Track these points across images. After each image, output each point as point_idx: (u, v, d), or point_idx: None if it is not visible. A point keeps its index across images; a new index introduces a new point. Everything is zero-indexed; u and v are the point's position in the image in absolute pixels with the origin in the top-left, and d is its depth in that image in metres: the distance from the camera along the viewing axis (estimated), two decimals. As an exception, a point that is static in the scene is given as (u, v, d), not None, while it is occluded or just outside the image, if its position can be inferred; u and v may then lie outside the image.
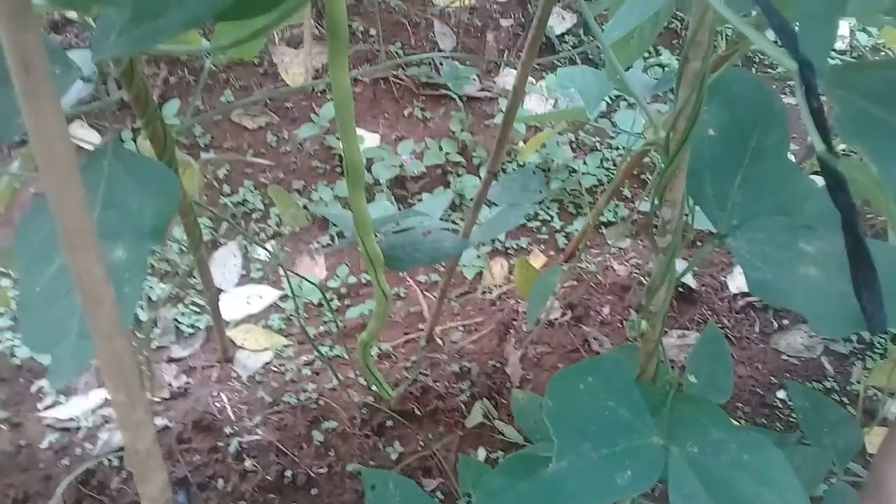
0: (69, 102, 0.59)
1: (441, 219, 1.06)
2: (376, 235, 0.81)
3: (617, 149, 1.87)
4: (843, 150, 1.66)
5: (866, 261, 0.34)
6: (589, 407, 0.44)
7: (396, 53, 1.91)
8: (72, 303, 0.33)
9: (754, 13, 0.54)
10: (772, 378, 1.44)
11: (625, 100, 1.95)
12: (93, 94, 0.67)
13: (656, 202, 0.45)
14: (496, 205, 1.31)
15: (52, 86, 0.25)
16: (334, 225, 1.64)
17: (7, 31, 0.23)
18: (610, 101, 1.97)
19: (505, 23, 2.05)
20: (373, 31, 1.90)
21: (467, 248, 1.52)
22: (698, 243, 1.68)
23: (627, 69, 1.08)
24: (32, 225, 0.35)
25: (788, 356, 1.49)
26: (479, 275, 1.62)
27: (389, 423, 1.29)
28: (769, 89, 0.49)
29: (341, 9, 0.46)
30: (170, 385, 1.33)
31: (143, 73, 0.52)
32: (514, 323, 1.50)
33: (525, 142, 1.85)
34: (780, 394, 1.40)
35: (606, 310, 1.52)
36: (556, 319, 1.50)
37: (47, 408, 1.27)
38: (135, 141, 1.59)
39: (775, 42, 0.31)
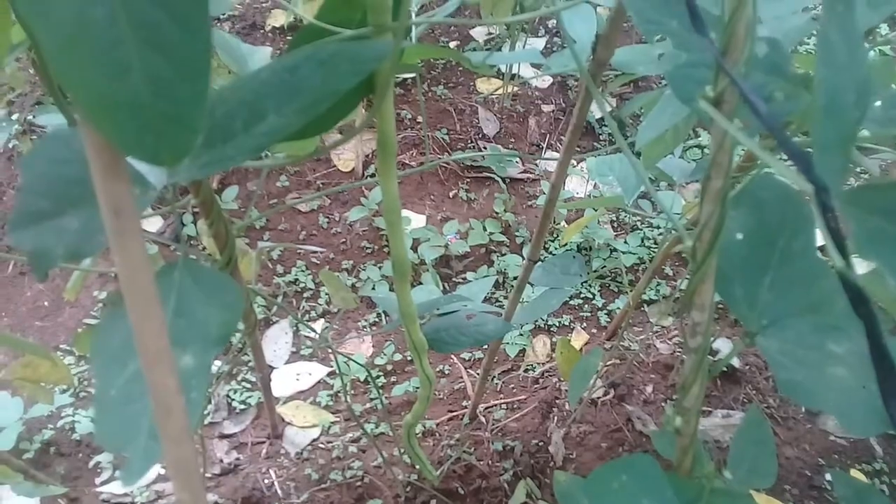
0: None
1: (485, 298, 1.08)
2: (421, 318, 0.84)
3: (658, 227, 1.89)
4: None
5: (891, 368, 0.35)
6: (625, 504, 0.45)
7: (443, 139, 1.98)
8: (144, 406, 0.36)
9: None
10: (819, 459, 1.40)
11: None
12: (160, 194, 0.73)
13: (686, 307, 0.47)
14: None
15: (138, 226, 0.29)
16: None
17: (101, 181, 0.28)
18: (651, 180, 2.00)
19: (546, 108, 2.12)
20: (420, 119, 1.98)
21: (510, 331, 1.54)
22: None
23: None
24: (109, 331, 0.39)
25: (836, 437, 1.45)
26: (522, 352, 1.63)
27: (433, 502, 1.29)
28: (796, 194, 0.52)
29: (391, 125, 0.50)
30: (221, 461, 1.36)
31: (209, 182, 0.58)
32: (557, 401, 1.50)
33: (567, 222, 1.89)
34: (829, 475, 1.36)
35: (650, 388, 1.51)
36: (599, 398, 1.49)
37: (104, 483, 1.31)
38: (195, 224, 1.67)
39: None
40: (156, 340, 0.31)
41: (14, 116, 1.88)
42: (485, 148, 2.06)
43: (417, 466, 1.29)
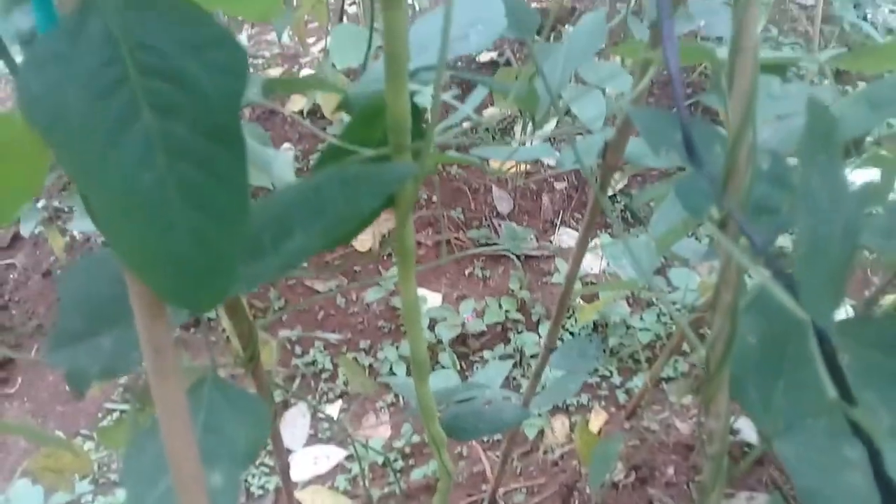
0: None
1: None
2: (439, 404, 0.84)
3: (674, 303, 1.89)
4: None
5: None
6: None
7: (458, 218, 2.01)
8: (174, 524, 0.37)
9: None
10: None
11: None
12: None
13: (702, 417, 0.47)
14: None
15: (178, 365, 0.30)
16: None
17: (143, 322, 0.29)
18: (665, 257, 2.01)
19: (559, 185, 2.16)
20: (435, 198, 2.02)
21: (528, 418, 1.53)
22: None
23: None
24: (141, 449, 0.40)
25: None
26: (541, 433, 1.62)
27: None
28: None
29: (411, 239, 0.52)
30: (236, 551, 1.34)
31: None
32: (578, 484, 1.47)
33: (582, 298, 1.89)
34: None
35: (671, 470, 1.49)
36: (620, 481, 1.47)
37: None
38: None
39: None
40: (189, 465, 0.32)
41: (40, 203, 1.93)
42: (499, 226, 2.10)
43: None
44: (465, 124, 0.67)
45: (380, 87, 0.52)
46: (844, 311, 1.53)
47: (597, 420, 1.62)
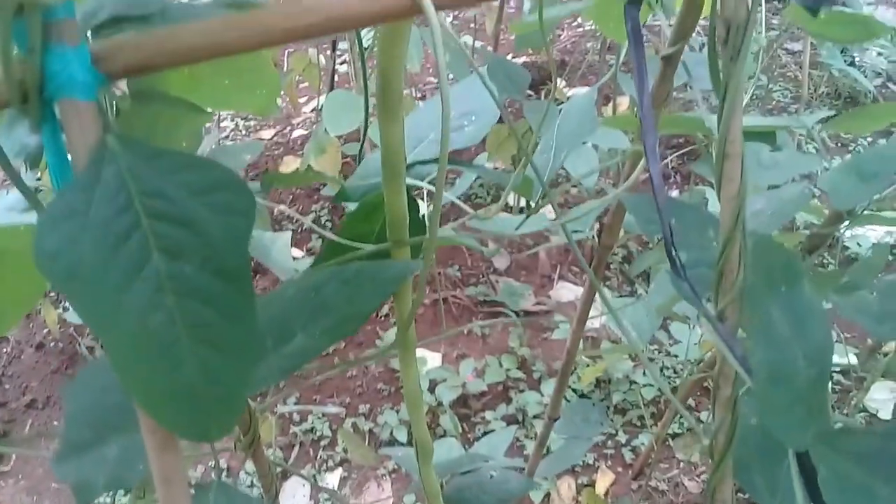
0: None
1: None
2: (443, 478, 0.83)
3: (676, 356, 1.89)
4: None
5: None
6: None
7: (454, 275, 2.02)
8: None
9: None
10: None
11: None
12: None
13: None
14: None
15: (187, 494, 0.30)
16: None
17: (154, 454, 0.30)
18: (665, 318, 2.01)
19: (555, 239, 2.17)
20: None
21: (533, 488, 1.52)
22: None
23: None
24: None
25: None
26: (547, 497, 1.60)
27: None
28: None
29: (412, 328, 0.53)
30: None
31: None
32: (587, 548, 1.45)
33: (585, 354, 1.89)
34: None
35: (682, 531, 1.47)
36: (630, 544, 1.44)
37: None
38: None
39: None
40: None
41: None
42: (497, 282, 2.10)
43: None
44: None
45: (376, 180, 0.53)
46: (847, 359, 1.52)
47: (603, 481, 1.60)
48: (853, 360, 1.52)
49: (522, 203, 2.16)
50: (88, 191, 0.25)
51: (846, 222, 0.74)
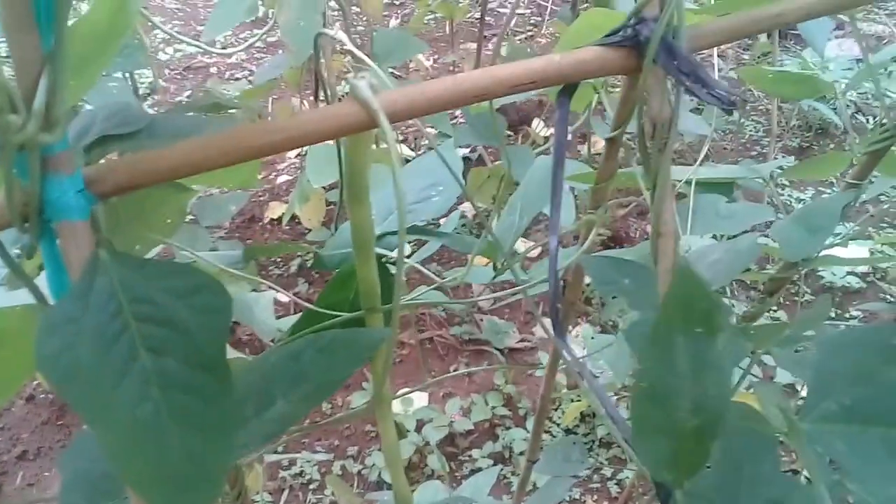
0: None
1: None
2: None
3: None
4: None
5: None
6: None
7: (440, 315, 2.05)
8: None
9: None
10: None
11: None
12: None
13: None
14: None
15: None
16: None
17: None
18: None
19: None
20: (416, 297, 2.06)
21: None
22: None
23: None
24: None
25: None
26: (535, 533, 1.61)
27: None
28: (759, 422, 0.57)
29: (387, 389, 0.56)
30: None
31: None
32: (576, 585, 1.46)
33: (568, 387, 1.92)
34: None
35: (669, 564, 1.48)
36: (618, 579, 1.46)
37: None
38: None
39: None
40: None
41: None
42: (481, 320, 2.13)
43: None
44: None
45: (350, 249, 0.57)
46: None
47: (589, 515, 1.62)
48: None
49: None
50: (83, 299, 0.28)
51: (801, 268, 0.78)
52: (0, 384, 0.51)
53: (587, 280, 0.79)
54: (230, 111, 0.44)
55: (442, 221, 0.86)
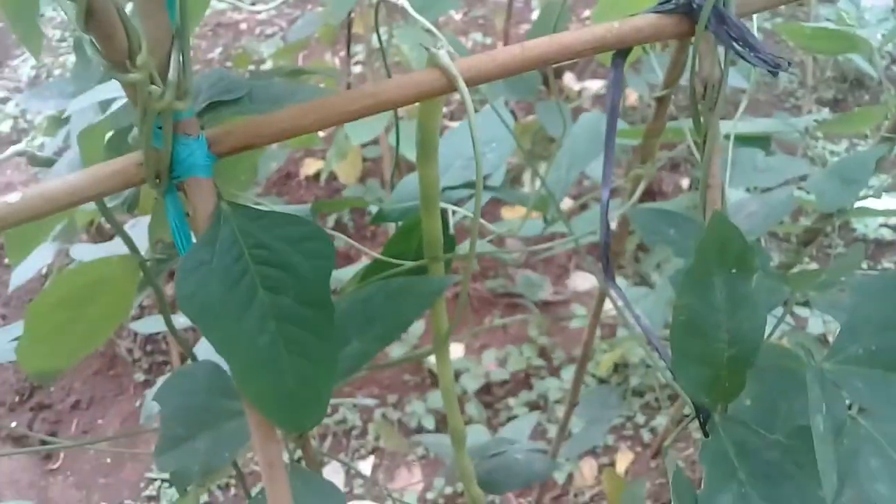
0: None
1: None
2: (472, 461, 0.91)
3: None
4: None
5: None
6: None
7: (474, 269, 2.10)
8: None
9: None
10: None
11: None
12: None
13: None
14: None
15: (285, 474, 0.38)
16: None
17: (259, 443, 0.38)
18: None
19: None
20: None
21: (556, 469, 1.60)
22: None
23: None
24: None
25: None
26: (570, 477, 1.68)
27: None
28: (794, 362, 0.60)
29: (445, 326, 0.60)
30: None
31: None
32: (609, 526, 1.53)
33: (602, 337, 1.96)
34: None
35: (700, 507, 1.54)
36: (650, 520, 1.52)
37: None
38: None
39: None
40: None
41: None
42: (514, 274, 2.18)
43: None
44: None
45: (410, 203, 0.61)
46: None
47: (623, 460, 1.68)
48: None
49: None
50: (211, 245, 0.33)
51: (835, 220, 0.80)
52: (100, 327, 0.57)
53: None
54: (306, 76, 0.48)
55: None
